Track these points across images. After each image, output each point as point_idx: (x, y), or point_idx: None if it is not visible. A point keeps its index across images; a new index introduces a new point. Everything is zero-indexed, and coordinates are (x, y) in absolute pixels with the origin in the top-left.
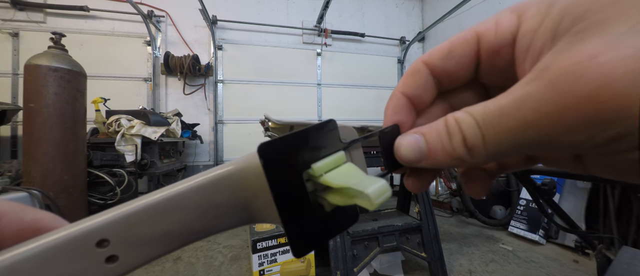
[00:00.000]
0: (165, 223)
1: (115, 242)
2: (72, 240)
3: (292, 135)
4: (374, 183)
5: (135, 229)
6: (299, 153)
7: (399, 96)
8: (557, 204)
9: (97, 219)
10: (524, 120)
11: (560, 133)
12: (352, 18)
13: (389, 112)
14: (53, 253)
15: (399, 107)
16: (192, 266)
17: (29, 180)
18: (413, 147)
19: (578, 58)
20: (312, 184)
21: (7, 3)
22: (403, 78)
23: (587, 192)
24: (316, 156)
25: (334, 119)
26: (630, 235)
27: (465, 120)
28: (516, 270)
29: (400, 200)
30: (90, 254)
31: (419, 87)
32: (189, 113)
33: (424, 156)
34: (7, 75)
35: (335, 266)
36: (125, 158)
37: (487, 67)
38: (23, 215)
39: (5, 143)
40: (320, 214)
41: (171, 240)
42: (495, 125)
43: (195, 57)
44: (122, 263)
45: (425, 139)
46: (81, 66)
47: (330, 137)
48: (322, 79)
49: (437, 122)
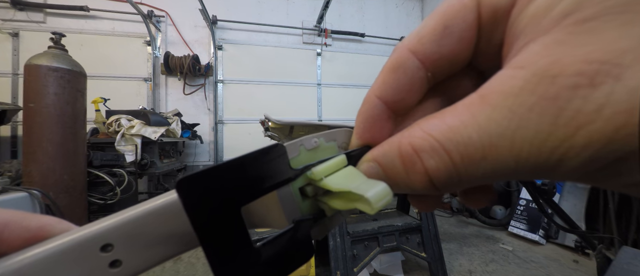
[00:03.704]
0: (169, 226)
1: (119, 247)
2: (77, 245)
3: (223, 165)
4: (374, 187)
5: (139, 233)
6: (236, 186)
7: (374, 102)
8: (557, 204)
9: (102, 224)
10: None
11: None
12: (352, 18)
13: (361, 126)
14: (58, 258)
15: (373, 118)
16: (193, 266)
17: (29, 180)
18: (374, 177)
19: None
20: (312, 188)
21: (7, 3)
22: (382, 75)
23: (587, 192)
24: (260, 187)
25: (282, 144)
26: (630, 235)
27: (424, 146)
28: (516, 270)
29: (400, 200)
30: (95, 258)
31: (402, 89)
32: (189, 113)
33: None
34: (7, 75)
35: (335, 266)
36: (125, 158)
37: (485, 42)
38: (28, 223)
39: (5, 143)
40: (265, 256)
41: (175, 244)
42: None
43: (195, 57)
44: (126, 268)
45: (382, 169)
46: (81, 66)
47: (277, 163)
48: (322, 79)
49: (389, 144)
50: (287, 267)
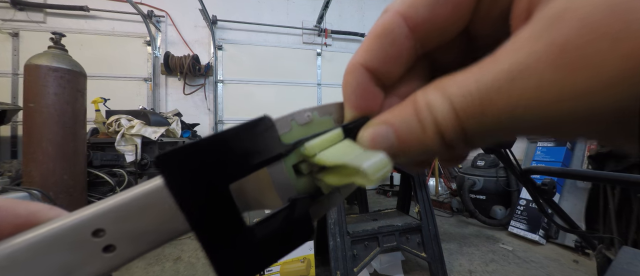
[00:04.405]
0: (159, 211)
1: (111, 231)
2: (68, 230)
3: (205, 140)
4: (371, 158)
5: (130, 217)
6: (221, 162)
7: (359, 71)
8: (557, 204)
9: (92, 209)
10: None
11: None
12: (352, 18)
13: (351, 97)
14: (50, 243)
15: (363, 86)
16: (192, 266)
17: (29, 180)
18: (380, 141)
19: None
20: (307, 165)
21: (7, 3)
22: (366, 41)
23: (587, 192)
24: (249, 163)
25: (268, 115)
26: (630, 235)
27: (440, 105)
28: (516, 270)
29: (400, 200)
30: (87, 243)
31: (389, 58)
32: (189, 113)
33: (395, 152)
34: (7, 75)
35: (335, 266)
36: (125, 158)
37: (487, 7)
38: (18, 210)
39: (5, 143)
40: (258, 236)
41: (167, 228)
42: (478, 111)
43: (195, 57)
44: (120, 253)
45: (393, 131)
46: (81, 66)
47: (266, 138)
48: (322, 79)
49: (403, 106)
50: (285, 247)
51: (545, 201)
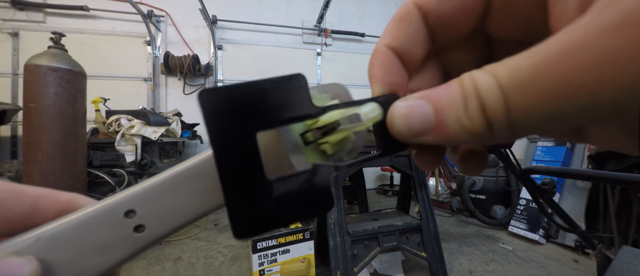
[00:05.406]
0: (187, 191)
1: (141, 212)
2: (103, 212)
3: (244, 85)
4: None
5: (158, 199)
6: (254, 108)
7: (384, 51)
8: (557, 204)
9: (125, 192)
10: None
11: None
12: (352, 18)
13: (378, 72)
14: (87, 224)
15: (389, 65)
16: (192, 266)
17: (29, 180)
18: (415, 116)
19: None
20: (312, 134)
21: (7, 3)
22: (388, 26)
23: (587, 191)
24: (278, 116)
25: (303, 74)
26: (630, 235)
27: (486, 83)
28: (516, 270)
29: (400, 199)
30: (120, 223)
31: (408, 38)
32: (189, 113)
33: (430, 128)
34: (7, 75)
35: (335, 266)
36: (125, 158)
37: (502, 8)
38: (59, 196)
39: (5, 143)
40: (277, 192)
41: (195, 209)
42: (526, 90)
43: (195, 57)
44: (149, 232)
45: (433, 106)
46: (81, 66)
47: (297, 95)
48: (322, 79)
49: (448, 84)
50: (301, 212)
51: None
